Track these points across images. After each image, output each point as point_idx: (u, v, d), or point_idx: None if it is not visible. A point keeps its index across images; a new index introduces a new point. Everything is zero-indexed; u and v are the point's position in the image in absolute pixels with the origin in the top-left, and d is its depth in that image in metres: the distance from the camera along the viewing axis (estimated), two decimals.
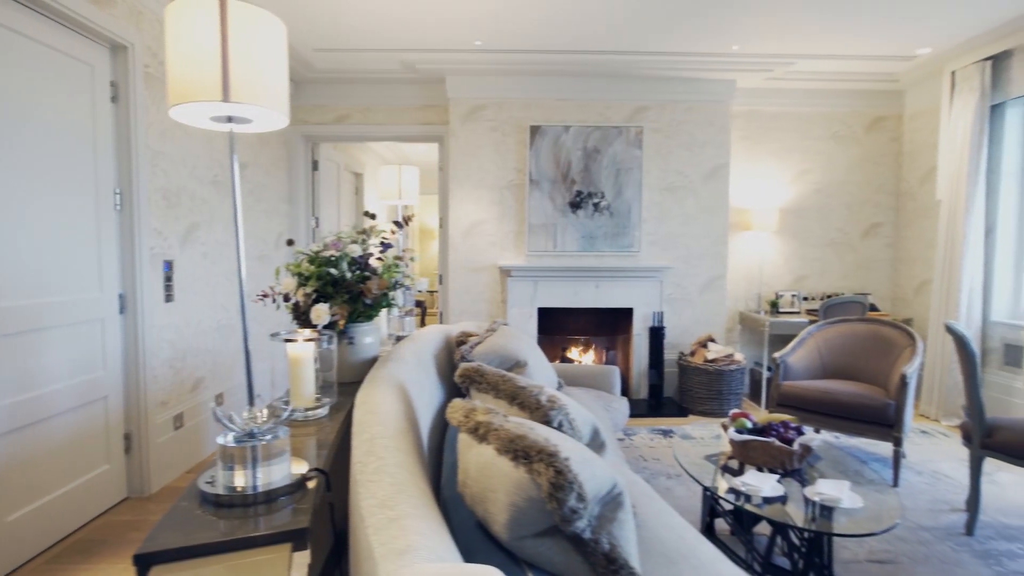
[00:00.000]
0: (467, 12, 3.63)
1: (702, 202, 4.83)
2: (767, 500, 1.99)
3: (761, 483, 2.03)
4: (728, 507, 2.48)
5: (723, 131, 4.81)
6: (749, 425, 2.35)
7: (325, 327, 1.96)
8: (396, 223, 2.23)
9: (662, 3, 3.49)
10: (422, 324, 8.84)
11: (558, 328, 4.94)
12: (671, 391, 4.86)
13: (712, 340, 4.63)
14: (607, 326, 4.99)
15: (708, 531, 2.60)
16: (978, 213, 4.17)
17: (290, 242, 2.12)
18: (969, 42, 4.10)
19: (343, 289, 2.03)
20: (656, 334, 4.66)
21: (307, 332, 1.72)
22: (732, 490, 2.07)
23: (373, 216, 2.23)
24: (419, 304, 9.03)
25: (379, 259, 2.15)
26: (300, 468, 1.28)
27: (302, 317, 2.03)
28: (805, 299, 5.21)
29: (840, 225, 5.24)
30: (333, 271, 1.98)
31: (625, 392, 4.88)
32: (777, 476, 2.13)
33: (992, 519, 2.82)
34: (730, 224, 5.06)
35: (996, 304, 4.23)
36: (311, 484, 1.25)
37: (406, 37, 4.06)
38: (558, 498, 1.03)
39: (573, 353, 5.07)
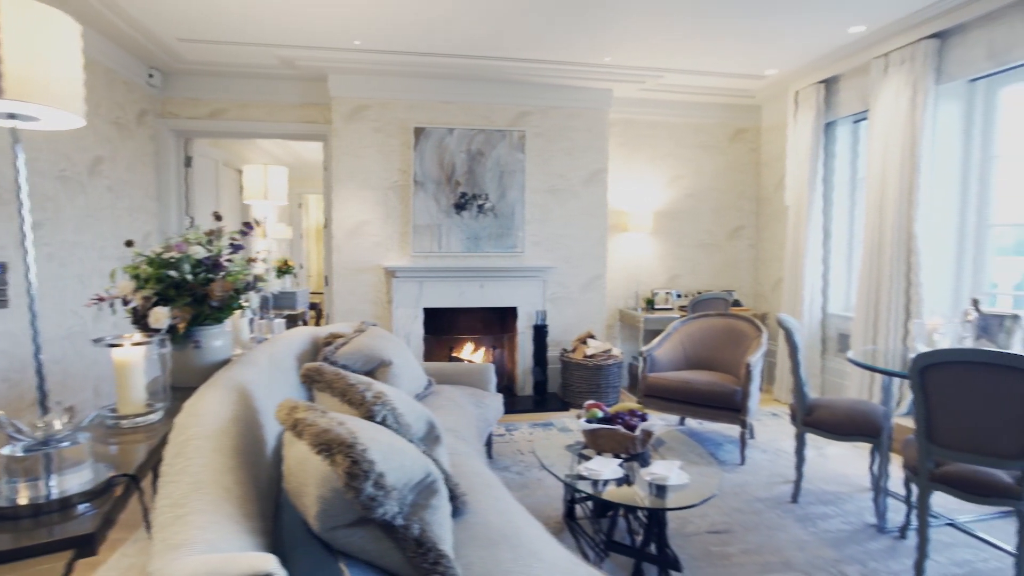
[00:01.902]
0: (342, 10, 3.59)
1: (583, 204, 5.07)
2: (609, 483, 2.16)
3: (603, 467, 2.20)
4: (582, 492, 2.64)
5: (601, 137, 5.08)
6: (600, 415, 2.52)
7: (167, 331, 1.90)
8: (246, 224, 2.19)
9: (529, 11, 3.63)
10: (317, 326, 8.58)
11: (445, 328, 5.00)
12: (555, 386, 5.06)
13: (592, 336, 4.88)
14: (493, 325, 5.11)
15: (569, 515, 2.76)
16: (817, 218, 4.69)
17: (129, 243, 2.02)
18: (806, 66, 4.60)
19: (186, 291, 1.97)
20: (540, 332, 4.84)
21: (136, 336, 1.66)
22: (578, 475, 2.22)
23: (219, 218, 2.18)
24: (314, 307, 8.76)
25: (228, 260, 2.11)
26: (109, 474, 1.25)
27: (141, 321, 1.95)
28: (679, 296, 5.59)
29: (708, 227, 5.68)
30: (173, 273, 1.92)
31: (511, 388, 5.03)
32: (619, 460, 2.31)
33: (816, 487, 3.20)
34: (609, 226, 5.34)
35: (833, 299, 4.77)
36: (118, 490, 1.22)
37: (283, 32, 3.95)
38: (354, 487, 1.09)
39: (463, 352, 5.14)
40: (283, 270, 8.13)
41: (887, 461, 2.75)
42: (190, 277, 1.95)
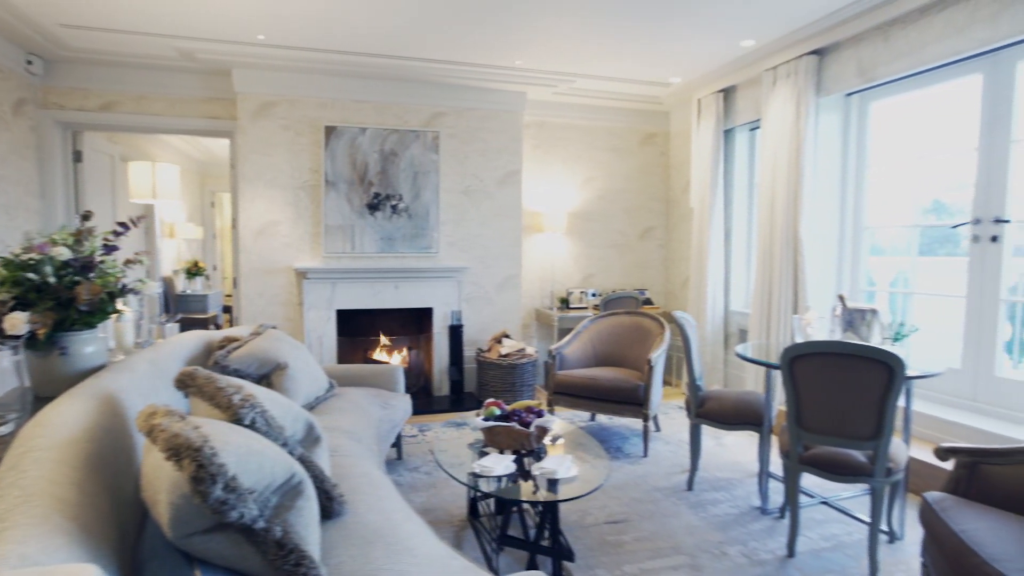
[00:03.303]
0: (241, 2, 3.46)
1: (497, 205, 5.12)
2: (503, 479, 2.20)
3: (496, 464, 2.24)
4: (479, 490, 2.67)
5: (516, 139, 5.15)
6: (498, 412, 2.57)
7: (28, 337, 1.78)
8: (121, 224, 2.08)
9: (432, 11, 3.64)
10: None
11: (360, 330, 4.92)
12: (472, 386, 5.08)
13: (507, 336, 4.94)
14: (409, 326, 5.08)
15: (473, 513, 2.79)
16: (719, 220, 4.95)
17: None
18: (707, 76, 4.86)
19: (48, 295, 1.85)
20: (455, 332, 4.85)
21: None
22: (472, 473, 2.25)
23: (87, 217, 2.06)
24: (228, 310, 8.39)
25: (101, 262, 2.00)
26: None
27: None
28: (594, 295, 5.75)
29: (621, 228, 5.88)
30: (32, 276, 1.80)
31: (428, 389, 5.02)
32: (514, 457, 2.36)
33: (711, 475, 3.38)
34: (524, 226, 5.42)
35: (734, 296, 5.05)
36: None
37: (180, 22, 3.75)
38: (200, 491, 1.07)
39: (379, 354, 5.08)
40: (194, 272, 7.74)
41: (768, 447, 2.95)
42: (52, 280, 1.83)
